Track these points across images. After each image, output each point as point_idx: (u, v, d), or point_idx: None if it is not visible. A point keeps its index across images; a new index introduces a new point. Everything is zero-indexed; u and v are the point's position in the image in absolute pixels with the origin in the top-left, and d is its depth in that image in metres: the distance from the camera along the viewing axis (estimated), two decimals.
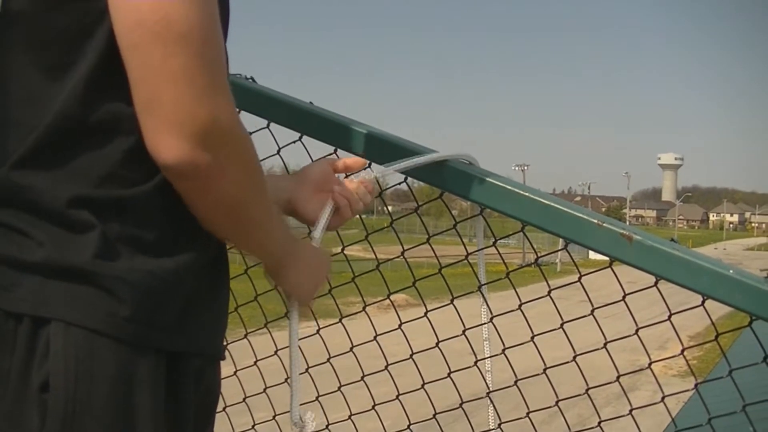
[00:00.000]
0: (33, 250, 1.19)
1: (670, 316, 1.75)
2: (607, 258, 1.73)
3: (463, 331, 2.01)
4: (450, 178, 1.80)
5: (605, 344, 1.87)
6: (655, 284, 1.67)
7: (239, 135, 1.25)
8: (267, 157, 2.06)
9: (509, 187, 1.75)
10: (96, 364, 1.18)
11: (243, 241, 1.42)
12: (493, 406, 1.98)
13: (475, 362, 2.02)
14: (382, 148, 1.83)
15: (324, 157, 1.84)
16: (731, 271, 1.58)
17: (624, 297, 1.77)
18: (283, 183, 1.73)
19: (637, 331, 1.81)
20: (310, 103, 1.97)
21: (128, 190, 1.22)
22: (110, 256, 1.19)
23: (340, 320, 2.19)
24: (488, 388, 1.98)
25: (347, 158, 1.79)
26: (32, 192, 1.20)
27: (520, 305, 1.94)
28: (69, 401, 1.17)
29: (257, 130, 2.02)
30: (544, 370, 1.97)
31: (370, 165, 1.81)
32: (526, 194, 1.73)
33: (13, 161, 1.22)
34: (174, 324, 1.26)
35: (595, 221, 1.67)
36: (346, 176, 1.77)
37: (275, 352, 2.25)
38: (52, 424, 1.17)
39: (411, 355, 2.11)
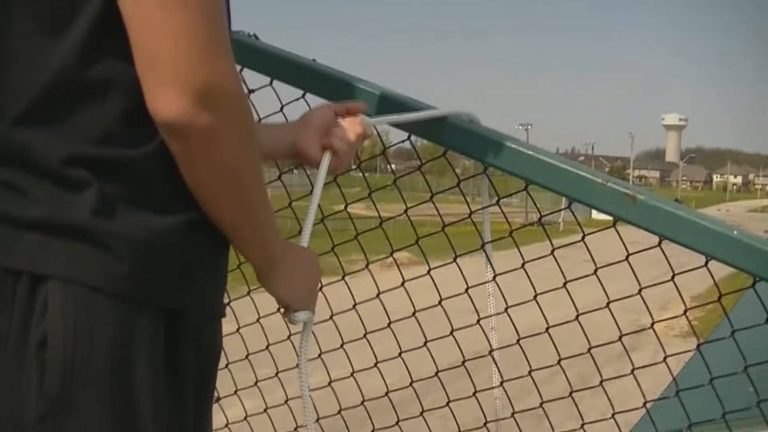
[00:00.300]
0: (31, 208, 1.18)
1: (673, 277, 1.75)
2: (609, 218, 1.73)
3: (466, 290, 2.01)
4: (454, 136, 1.80)
5: (608, 304, 1.87)
6: (659, 244, 1.67)
7: (239, 100, 1.23)
8: (270, 115, 2.05)
9: (513, 146, 1.74)
10: (94, 322, 1.18)
11: (234, 223, 1.34)
12: (496, 364, 1.99)
13: (478, 320, 2.03)
14: (385, 105, 1.82)
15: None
16: (735, 232, 1.58)
17: (627, 257, 1.77)
18: (286, 128, 1.74)
19: (640, 291, 1.81)
20: (314, 60, 1.96)
21: (127, 150, 1.21)
22: (108, 213, 1.19)
23: (343, 278, 2.19)
24: (491, 346, 1.98)
25: (348, 103, 1.77)
26: (30, 150, 1.19)
27: (523, 264, 1.94)
28: (67, 359, 1.16)
29: (260, 87, 2.01)
30: (547, 329, 1.97)
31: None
32: (531, 153, 1.73)
33: (12, 119, 1.21)
34: (173, 282, 1.26)
35: (600, 180, 1.67)
36: None
37: (278, 309, 2.25)
38: (51, 382, 1.16)
39: (413, 313, 2.11)
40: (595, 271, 1.83)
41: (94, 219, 1.18)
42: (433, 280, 2.05)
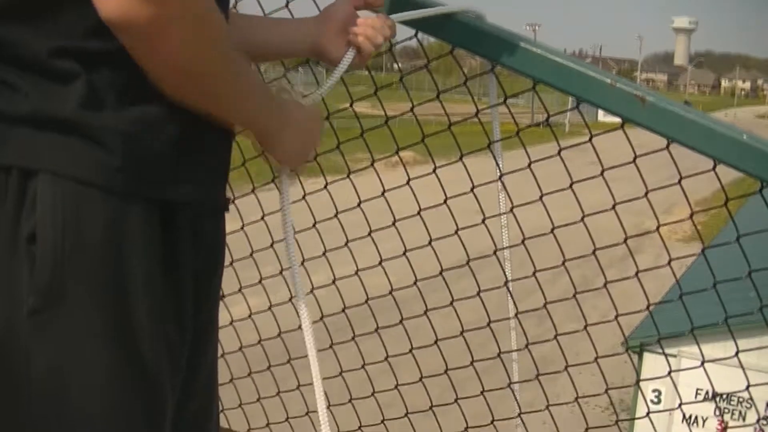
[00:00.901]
0: (19, 102, 1.16)
1: (680, 180, 1.74)
2: (616, 121, 1.72)
3: (472, 189, 2.00)
4: (462, 33, 1.77)
5: (614, 206, 1.86)
6: (667, 147, 1.66)
7: None
8: (275, 10, 2.02)
9: (522, 44, 1.71)
10: (84, 215, 1.17)
11: (215, 111, 1.30)
12: (501, 263, 1.99)
13: (483, 220, 2.02)
14: (397, 2, 1.78)
15: None
16: (745, 136, 1.56)
17: (635, 159, 1.76)
18: (305, 25, 1.67)
19: (646, 194, 1.81)
20: None
21: (113, 42, 1.17)
22: (97, 105, 1.17)
23: (348, 176, 2.18)
24: (495, 246, 1.98)
25: None
26: (15, 44, 1.17)
27: (529, 164, 1.93)
28: (57, 251, 1.16)
29: None
30: (552, 229, 1.97)
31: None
32: (539, 52, 1.70)
33: None
34: (167, 173, 1.24)
35: (608, 81, 1.64)
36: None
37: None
38: (40, 274, 1.16)
39: (419, 212, 2.11)
40: (602, 172, 1.82)
41: (82, 111, 1.16)
42: (439, 179, 2.04)
